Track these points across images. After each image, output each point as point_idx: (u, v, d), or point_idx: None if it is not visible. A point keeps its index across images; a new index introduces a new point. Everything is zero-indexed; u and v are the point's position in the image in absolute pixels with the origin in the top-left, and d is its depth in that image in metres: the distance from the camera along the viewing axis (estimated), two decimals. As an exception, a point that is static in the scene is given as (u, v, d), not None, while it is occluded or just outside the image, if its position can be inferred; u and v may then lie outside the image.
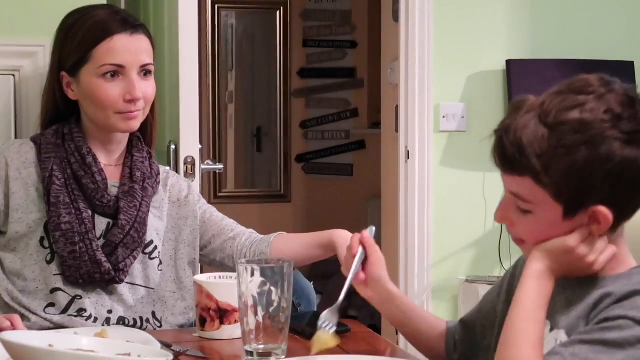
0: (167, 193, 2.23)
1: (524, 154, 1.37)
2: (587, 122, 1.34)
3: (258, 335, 1.64)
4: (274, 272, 1.64)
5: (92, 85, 2.07)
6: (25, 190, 2.10)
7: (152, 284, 2.15)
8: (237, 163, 6.68)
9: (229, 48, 6.65)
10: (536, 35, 3.96)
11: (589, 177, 1.35)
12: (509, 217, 1.47)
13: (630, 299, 1.33)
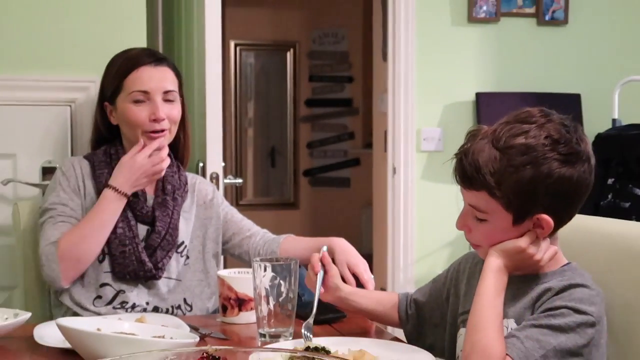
0: (194, 197, 2.22)
1: (480, 172, 1.41)
2: (531, 146, 1.39)
3: (270, 320, 1.65)
4: (282, 269, 1.65)
5: (124, 110, 2.08)
6: (82, 199, 2.10)
7: (181, 276, 2.14)
8: (254, 176, 6.69)
9: (249, 82, 6.67)
10: (500, 72, 3.95)
11: (534, 191, 1.39)
12: (467, 225, 1.51)
13: (567, 291, 1.38)
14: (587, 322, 1.35)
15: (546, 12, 4.02)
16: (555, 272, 1.45)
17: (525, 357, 1.31)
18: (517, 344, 1.32)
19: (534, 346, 1.32)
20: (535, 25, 4.03)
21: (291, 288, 1.65)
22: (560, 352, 1.33)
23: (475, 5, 3.92)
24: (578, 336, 1.34)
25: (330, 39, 6.68)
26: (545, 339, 1.33)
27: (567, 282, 1.40)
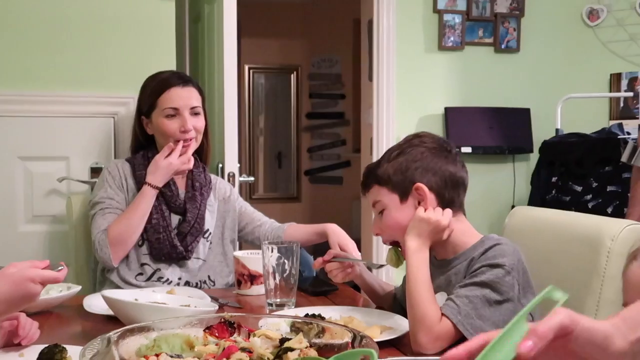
0: (216, 194, 2.23)
1: (369, 173, 1.52)
2: (400, 144, 1.52)
3: (276, 292, 1.66)
4: (286, 250, 1.66)
5: (159, 123, 2.09)
6: (125, 193, 2.10)
7: (206, 257, 2.15)
8: (264, 175, 6.70)
9: (260, 98, 6.68)
10: (464, 90, 3.95)
11: (405, 169, 1.45)
12: (378, 228, 1.53)
13: (484, 255, 1.37)
14: (503, 272, 1.34)
15: (502, 42, 4.02)
16: (475, 244, 1.43)
17: (458, 313, 1.30)
18: (450, 304, 1.32)
19: (464, 302, 1.31)
20: (493, 52, 4.03)
21: (293, 266, 1.67)
22: (488, 302, 1.31)
23: (444, 36, 3.93)
24: (499, 286, 1.33)
25: (326, 63, 6.69)
26: (472, 294, 1.32)
27: (484, 247, 1.39)
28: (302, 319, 1.22)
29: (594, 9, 4.10)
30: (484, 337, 0.64)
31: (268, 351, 1.09)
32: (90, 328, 1.49)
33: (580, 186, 3.35)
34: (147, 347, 1.10)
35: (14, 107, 2.50)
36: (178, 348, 1.12)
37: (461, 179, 1.48)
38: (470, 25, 3.98)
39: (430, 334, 1.29)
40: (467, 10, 3.96)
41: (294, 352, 1.08)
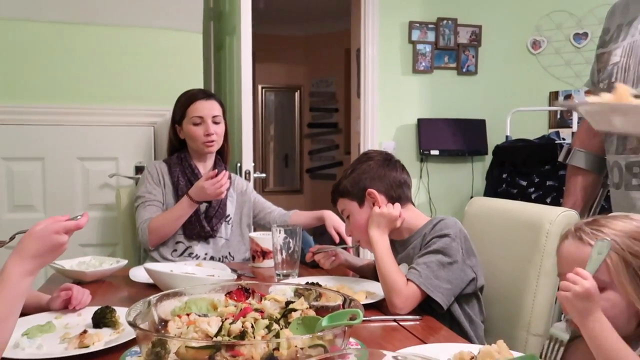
0: (235, 188, 2.22)
1: (337, 190, 1.53)
2: (353, 163, 1.55)
3: (283, 265, 1.65)
4: (291, 231, 1.65)
5: (188, 129, 2.09)
6: (166, 186, 2.10)
7: (228, 237, 2.14)
8: (274, 173, 6.68)
9: (270, 111, 6.66)
10: (433, 105, 3.94)
11: (358, 180, 1.48)
12: (349, 231, 1.56)
13: (432, 230, 1.39)
14: (449, 240, 1.35)
15: (463, 66, 4.02)
16: (425, 224, 1.45)
17: (420, 276, 1.31)
18: (413, 271, 1.32)
19: (423, 267, 1.32)
20: (456, 75, 4.02)
21: (297, 244, 1.66)
22: (442, 265, 1.32)
23: (417, 62, 3.93)
24: (448, 250, 1.34)
25: (323, 84, 6.67)
26: (428, 260, 1.33)
27: (430, 225, 1.42)
28: (303, 286, 1.22)
29: (537, 40, 4.11)
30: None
31: (276, 311, 1.09)
32: (135, 294, 1.49)
33: (525, 181, 3.35)
34: (180, 308, 1.10)
35: (75, 118, 2.49)
36: (204, 309, 1.11)
37: (403, 180, 1.52)
38: (438, 53, 3.98)
39: (400, 296, 1.29)
40: (436, 41, 3.95)
41: (296, 312, 1.08)
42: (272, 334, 0.98)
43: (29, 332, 1.10)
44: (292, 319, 1.05)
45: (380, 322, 1.24)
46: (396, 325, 1.22)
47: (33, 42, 2.44)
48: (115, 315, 1.17)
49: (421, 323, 1.23)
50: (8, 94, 2.41)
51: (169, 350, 0.90)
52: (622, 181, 1.42)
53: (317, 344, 0.92)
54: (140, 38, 2.57)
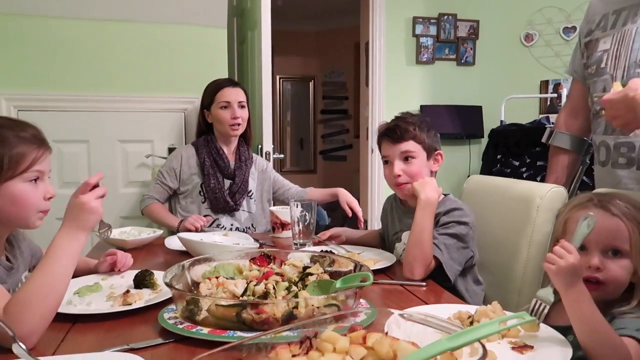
0: (256, 167, 2.22)
1: (413, 134, 1.43)
2: (424, 120, 1.46)
3: (300, 235, 1.65)
4: (307, 205, 1.65)
5: (216, 113, 2.07)
6: (190, 168, 2.10)
7: (251, 210, 2.15)
8: (290, 155, 6.66)
9: (287, 99, 6.63)
10: (434, 92, 3.90)
11: (433, 140, 1.45)
12: (401, 170, 1.44)
13: (450, 213, 1.37)
14: (467, 228, 1.35)
15: (462, 58, 3.95)
16: (440, 203, 1.40)
17: (442, 255, 1.30)
18: (436, 248, 1.31)
19: (444, 247, 1.31)
20: (455, 65, 3.96)
21: (312, 217, 1.66)
22: (456, 248, 1.33)
23: (420, 54, 3.87)
24: (464, 236, 1.34)
25: (335, 74, 6.61)
26: (448, 242, 1.32)
27: (448, 207, 1.38)
28: (318, 254, 1.22)
29: (529, 33, 4.03)
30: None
31: (295, 275, 1.09)
32: (169, 259, 1.50)
33: (517, 161, 3.31)
34: (209, 272, 1.11)
35: (115, 105, 2.50)
36: (231, 273, 1.12)
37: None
38: (439, 45, 3.91)
39: (425, 268, 1.27)
40: (437, 35, 3.88)
41: (313, 276, 1.08)
42: (291, 294, 0.99)
43: (79, 291, 1.11)
44: (309, 282, 1.06)
45: (388, 285, 1.24)
46: (402, 289, 1.22)
47: (79, 38, 2.44)
48: (153, 277, 1.18)
49: (426, 288, 1.23)
50: (58, 84, 2.42)
51: (201, 307, 0.92)
52: (609, 159, 1.40)
53: (331, 303, 0.93)
54: (172, 33, 2.56)
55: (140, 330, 0.94)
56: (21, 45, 2.36)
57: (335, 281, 1.03)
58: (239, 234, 1.83)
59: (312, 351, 0.67)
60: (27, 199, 1.01)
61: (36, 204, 1.02)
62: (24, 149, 1.01)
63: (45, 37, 2.39)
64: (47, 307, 0.89)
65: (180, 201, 2.10)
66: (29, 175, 1.02)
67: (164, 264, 1.43)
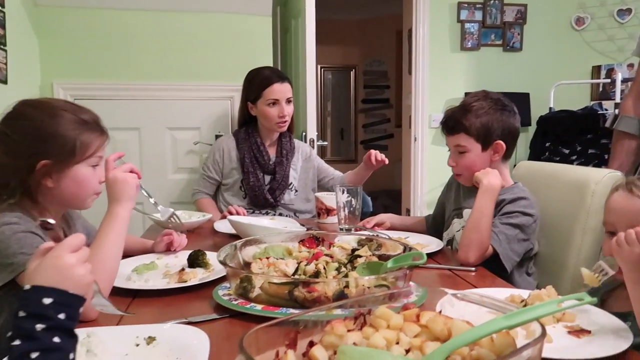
0: (299, 155, 2.21)
1: (461, 125, 1.39)
2: (483, 105, 1.38)
3: (345, 221, 1.65)
4: (353, 191, 1.64)
5: (263, 110, 2.06)
6: (231, 162, 2.11)
7: (293, 202, 2.15)
8: (331, 144, 6.66)
9: (328, 89, 6.61)
10: (479, 79, 3.80)
11: (490, 127, 1.36)
12: (454, 162, 1.45)
13: (516, 202, 1.33)
14: (531, 220, 1.32)
15: (509, 43, 3.83)
16: (507, 189, 1.38)
17: (499, 245, 1.28)
18: (495, 237, 1.28)
19: (503, 237, 1.28)
20: (501, 51, 3.85)
21: (358, 202, 1.65)
22: (516, 240, 1.30)
23: (465, 40, 3.78)
24: (526, 229, 1.31)
25: (376, 63, 6.54)
26: (509, 233, 1.29)
27: (515, 195, 1.34)
28: (366, 236, 1.22)
29: (581, 17, 3.86)
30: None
31: (344, 257, 1.10)
32: (219, 242, 1.53)
33: (567, 149, 3.19)
34: (260, 253, 1.14)
35: (164, 94, 2.56)
36: (280, 254, 1.14)
37: (519, 132, 1.42)
38: (484, 31, 3.81)
39: (480, 253, 1.25)
40: (483, 20, 3.78)
41: (361, 258, 1.09)
42: (341, 275, 1.00)
43: (137, 269, 1.16)
44: (358, 264, 1.06)
45: (437, 270, 1.23)
46: (451, 274, 1.20)
47: (131, 28, 2.51)
48: (206, 257, 1.22)
49: (475, 273, 1.21)
50: (111, 74, 2.50)
51: (254, 285, 0.94)
52: None
53: (382, 284, 0.93)
54: (218, 22, 2.59)
55: (195, 306, 0.97)
56: (77, 37, 2.46)
57: (384, 263, 1.03)
58: (286, 219, 1.85)
59: (366, 327, 0.68)
60: (89, 183, 1.08)
61: (94, 187, 1.09)
62: (91, 136, 1.06)
63: (100, 28, 2.48)
64: (107, 277, 0.96)
65: (223, 193, 2.14)
66: (92, 161, 1.07)
67: (213, 247, 1.46)
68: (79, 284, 0.58)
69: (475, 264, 1.24)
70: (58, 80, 2.45)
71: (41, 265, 0.58)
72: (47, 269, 0.57)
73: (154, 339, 0.76)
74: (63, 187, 1.05)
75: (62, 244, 0.60)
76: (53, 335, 0.53)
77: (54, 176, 1.03)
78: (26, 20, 2.32)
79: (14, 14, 2.15)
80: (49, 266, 0.57)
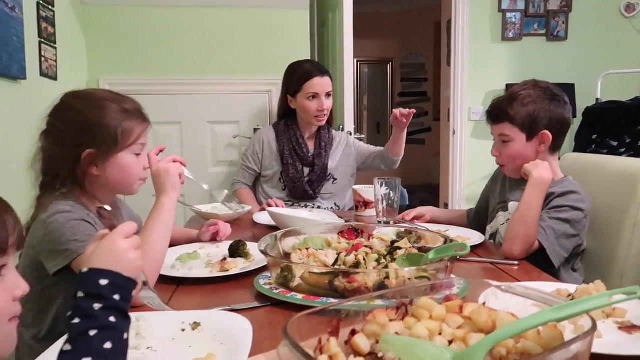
0: (338, 144, 2.21)
1: (505, 113, 1.35)
2: (531, 94, 1.33)
3: (383, 213, 1.65)
4: (391, 184, 1.63)
5: (303, 103, 2.06)
6: (271, 154, 2.13)
7: (332, 191, 2.16)
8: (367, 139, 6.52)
9: (364, 82, 6.58)
10: (521, 69, 3.69)
11: (536, 116, 1.32)
12: (498, 151, 1.41)
13: (566, 195, 1.28)
14: (582, 215, 1.27)
15: (553, 32, 3.70)
16: (557, 182, 1.33)
17: (546, 240, 1.24)
18: (541, 231, 1.24)
19: (551, 232, 1.24)
20: (545, 41, 3.72)
21: (396, 195, 1.64)
22: (565, 235, 1.25)
23: (506, 30, 3.67)
24: (577, 224, 1.26)
25: (413, 56, 6.46)
26: (557, 228, 1.25)
27: (565, 189, 1.30)
28: (405, 229, 1.21)
29: (631, 3, 3.70)
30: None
31: (383, 249, 1.10)
32: (258, 233, 1.55)
33: (615, 142, 3.06)
34: (299, 244, 1.14)
35: (204, 88, 2.61)
36: (320, 245, 1.14)
37: (570, 123, 1.36)
38: (527, 20, 3.69)
39: (526, 247, 1.22)
40: (525, 9, 3.67)
41: (401, 250, 1.08)
42: (381, 266, 0.99)
43: (180, 258, 1.20)
44: (397, 256, 1.06)
45: (478, 263, 1.21)
46: (493, 267, 1.18)
47: (172, 25, 2.57)
48: (246, 247, 1.24)
49: (518, 267, 1.18)
50: (152, 69, 2.57)
51: (294, 275, 0.95)
52: None
53: (422, 275, 0.92)
54: (257, 17, 2.62)
55: (237, 294, 0.99)
56: (121, 34, 2.53)
57: (424, 255, 1.02)
58: (324, 211, 1.86)
59: (408, 317, 0.67)
60: (133, 169, 1.11)
61: (139, 173, 1.13)
62: (132, 123, 1.10)
63: (143, 25, 2.55)
64: (154, 266, 0.99)
65: (263, 185, 2.16)
66: (135, 148, 1.11)
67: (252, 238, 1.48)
68: (131, 268, 0.61)
69: (520, 258, 1.21)
70: (104, 77, 2.53)
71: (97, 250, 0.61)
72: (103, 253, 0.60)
73: (199, 325, 0.78)
74: (108, 175, 1.09)
75: (116, 230, 0.64)
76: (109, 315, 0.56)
77: (99, 165, 1.07)
78: (74, 19, 2.41)
79: (62, 12, 2.24)
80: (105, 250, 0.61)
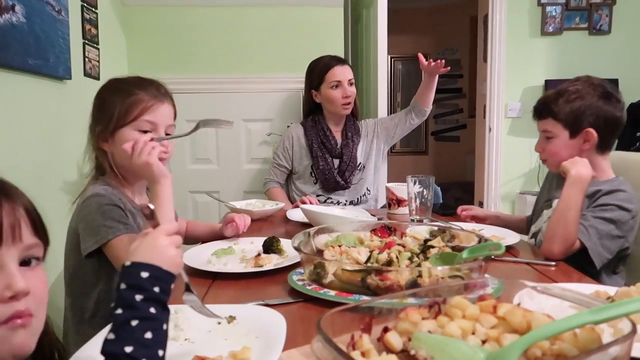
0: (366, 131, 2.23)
1: (549, 109, 1.32)
2: (579, 89, 1.29)
3: (417, 211, 1.64)
4: (425, 182, 1.62)
5: (327, 94, 2.10)
6: (301, 149, 2.16)
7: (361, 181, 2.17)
8: (401, 135, 6.57)
9: (397, 78, 6.52)
10: (561, 64, 3.58)
11: (581, 114, 1.28)
12: (541, 148, 1.38)
13: (613, 193, 1.24)
14: (629, 216, 1.22)
15: (595, 26, 3.57)
16: (606, 180, 1.29)
17: (588, 239, 1.20)
18: (583, 230, 1.20)
19: (593, 232, 1.21)
20: (587, 35, 3.60)
21: (430, 194, 1.63)
22: (609, 236, 1.21)
23: (546, 24, 3.57)
24: (622, 225, 1.22)
25: (448, 52, 6.35)
26: (601, 227, 1.21)
27: (614, 187, 1.25)
28: (438, 227, 1.21)
29: (680, -5, 3.52)
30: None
31: (416, 247, 1.09)
32: (291, 230, 1.57)
33: (661, 140, 2.94)
34: (332, 241, 1.15)
35: (240, 86, 2.65)
36: (352, 243, 1.15)
37: (621, 123, 1.30)
38: (568, 14, 3.58)
39: (565, 247, 1.19)
40: (566, 2, 3.55)
41: (434, 248, 1.08)
42: (414, 264, 0.99)
43: (216, 253, 1.23)
44: (431, 255, 1.05)
45: (513, 263, 1.19)
46: (529, 268, 1.16)
47: (208, 24, 2.62)
48: (280, 244, 1.26)
49: (556, 268, 1.16)
50: (189, 68, 2.63)
51: (327, 271, 0.96)
52: None
53: (456, 274, 0.92)
54: (291, 15, 2.64)
55: (271, 289, 1.01)
56: (160, 34, 2.60)
57: (458, 254, 1.01)
58: (356, 209, 1.86)
59: (441, 316, 0.67)
60: None
61: None
62: (135, 99, 1.13)
63: (180, 25, 2.61)
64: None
65: (295, 182, 2.19)
66: (139, 124, 1.13)
67: (285, 234, 1.50)
68: (171, 263, 0.64)
69: (560, 258, 1.19)
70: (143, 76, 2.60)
71: (140, 245, 0.64)
72: (145, 248, 0.64)
73: (234, 318, 0.80)
74: (116, 153, 1.14)
75: (159, 228, 0.68)
76: (150, 306, 0.58)
77: (109, 140, 1.14)
78: (115, 20, 2.49)
79: (104, 14, 2.32)
80: (147, 245, 0.64)
